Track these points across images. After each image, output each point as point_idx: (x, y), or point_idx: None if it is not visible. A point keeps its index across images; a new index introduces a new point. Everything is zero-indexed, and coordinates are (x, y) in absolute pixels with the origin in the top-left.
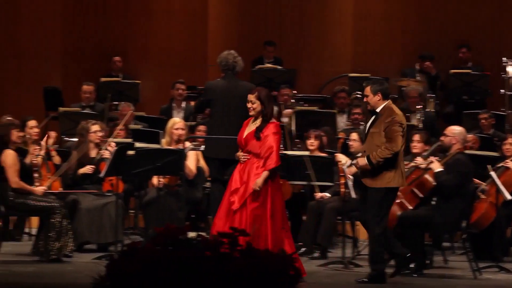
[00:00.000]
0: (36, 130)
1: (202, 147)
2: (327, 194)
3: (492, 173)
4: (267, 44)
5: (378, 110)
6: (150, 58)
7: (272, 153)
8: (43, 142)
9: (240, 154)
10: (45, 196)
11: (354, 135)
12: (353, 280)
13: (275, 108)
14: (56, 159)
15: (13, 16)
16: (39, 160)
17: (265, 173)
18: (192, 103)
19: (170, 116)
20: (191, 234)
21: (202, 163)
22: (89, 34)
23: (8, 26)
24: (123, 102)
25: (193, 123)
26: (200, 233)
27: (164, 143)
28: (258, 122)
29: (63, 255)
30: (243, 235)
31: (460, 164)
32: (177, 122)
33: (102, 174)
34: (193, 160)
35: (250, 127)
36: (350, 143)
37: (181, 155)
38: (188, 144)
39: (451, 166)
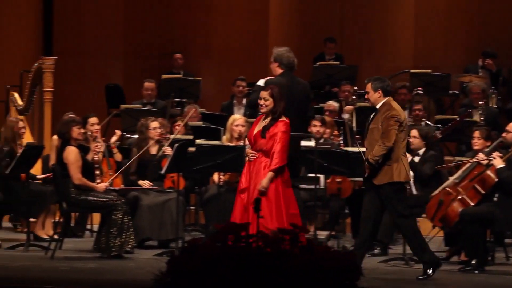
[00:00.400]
0: (97, 127)
1: None
2: None
3: None
4: (328, 40)
5: (377, 106)
6: (211, 55)
7: (276, 153)
8: (112, 140)
9: (249, 151)
10: (107, 193)
11: (414, 132)
12: (415, 278)
13: (336, 104)
14: (117, 156)
15: (76, 15)
16: (100, 157)
17: (270, 174)
18: None
19: (231, 113)
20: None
21: None
22: (150, 32)
23: (70, 24)
24: (189, 104)
25: (253, 119)
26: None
27: (225, 140)
28: (268, 120)
29: (125, 251)
30: (303, 231)
31: None
32: (237, 119)
33: (163, 171)
34: None
35: (261, 125)
36: (411, 139)
37: (242, 151)
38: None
39: None
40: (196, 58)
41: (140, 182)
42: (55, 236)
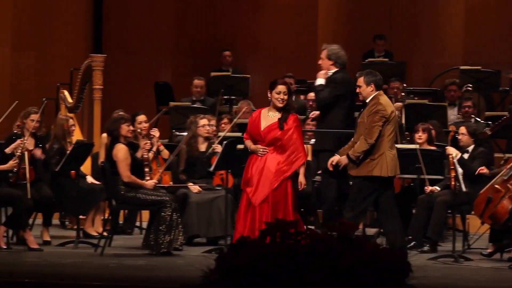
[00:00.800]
0: (145, 124)
1: (312, 141)
2: (437, 188)
3: None
4: (377, 38)
5: (367, 100)
6: (260, 52)
7: (301, 147)
8: (155, 136)
9: (259, 147)
10: (156, 190)
11: (462, 129)
12: (464, 274)
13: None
14: (165, 153)
15: (125, 12)
16: (149, 154)
17: (302, 169)
18: (302, 97)
19: None
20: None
21: (310, 156)
22: (199, 29)
23: (120, 22)
24: (241, 101)
25: (302, 117)
26: (309, 226)
27: None
28: (277, 113)
29: (173, 248)
30: (351, 229)
31: None
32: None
33: (212, 168)
34: None
35: (267, 120)
36: (459, 137)
37: None
38: None
39: None
40: (245, 55)
41: (190, 186)
42: (105, 233)
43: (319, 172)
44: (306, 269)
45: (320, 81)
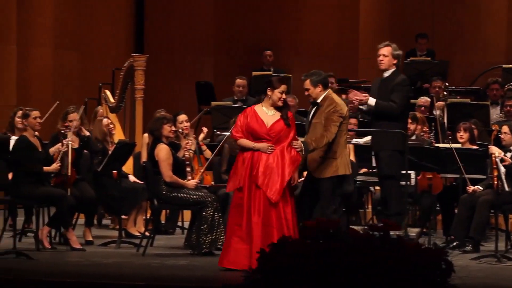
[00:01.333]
0: (186, 124)
1: (355, 140)
2: (480, 187)
3: None
4: (419, 36)
5: (319, 100)
6: (301, 51)
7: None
8: (200, 137)
9: (265, 145)
10: (197, 190)
11: (505, 128)
12: (506, 274)
13: (428, 100)
14: (207, 153)
15: (167, 12)
16: (191, 154)
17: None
18: (344, 96)
19: None
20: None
21: (353, 156)
22: (241, 29)
23: (161, 22)
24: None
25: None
26: (351, 226)
27: None
28: (274, 111)
29: (215, 248)
30: (393, 228)
31: None
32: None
33: None
34: None
35: (268, 117)
36: (502, 136)
37: None
38: None
39: None
40: (286, 54)
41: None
42: (147, 233)
43: (361, 171)
44: (348, 269)
45: (371, 101)
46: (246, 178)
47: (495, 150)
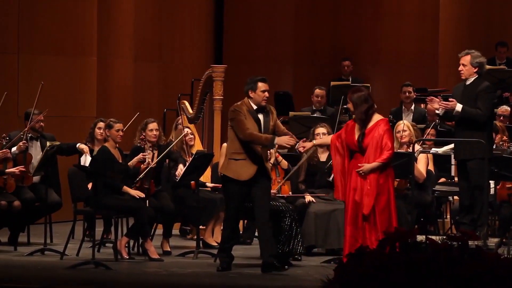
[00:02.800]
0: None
1: (433, 150)
2: None
3: None
4: (499, 45)
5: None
6: (380, 61)
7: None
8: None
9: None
10: (275, 200)
11: None
12: None
13: (508, 109)
14: (284, 163)
15: (245, 23)
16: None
17: (375, 164)
18: (422, 105)
19: (399, 118)
20: (420, 238)
21: (431, 165)
22: (319, 38)
23: (240, 32)
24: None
25: (422, 125)
26: (429, 236)
27: None
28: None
29: (293, 258)
30: (472, 239)
31: None
32: (399, 124)
33: (331, 178)
34: (423, 164)
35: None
36: None
37: (411, 158)
38: (418, 147)
39: None
40: (365, 63)
41: (307, 197)
42: None
43: (440, 181)
44: (426, 279)
45: (458, 106)
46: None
47: None
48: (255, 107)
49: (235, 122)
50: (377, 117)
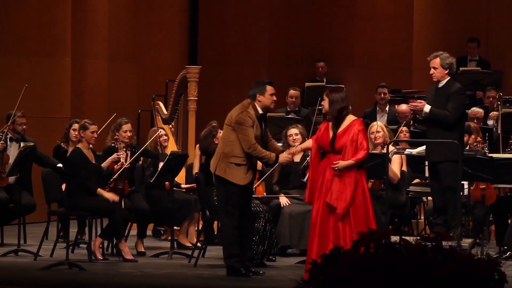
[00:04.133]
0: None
1: (407, 151)
2: None
3: None
4: (469, 41)
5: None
6: (355, 62)
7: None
8: None
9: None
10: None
11: None
12: None
13: (481, 111)
14: (258, 164)
15: (220, 24)
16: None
17: (350, 161)
18: (396, 106)
19: (373, 119)
20: (394, 238)
21: (405, 166)
22: (294, 40)
23: (215, 33)
24: None
25: (394, 126)
26: (403, 237)
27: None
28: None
29: (267, 259)
30: (446, 240)
31: None
32: (373, 125)
33: (305, 179)
34: (397, 164)
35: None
36: None
37: (385, 159)
38: (391, 148)
39: None
40: (339, 65)
41: (280, 197)
42: (199, 244)
43: (414, 182)
44: (400, 280)
45: (426, 107)
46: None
47: None
48: (260, 111)
49: (242, 130)
50: (351, 117)
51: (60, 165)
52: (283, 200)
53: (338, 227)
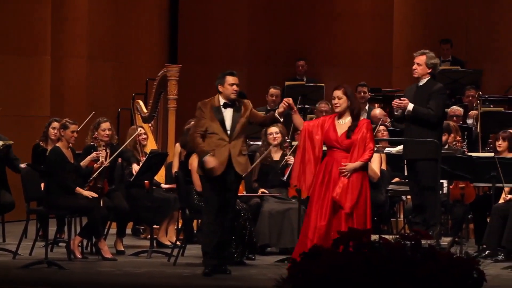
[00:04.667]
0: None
1: (387, 149)
2: None
3: None
4: (442, 42)
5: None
6: (335, 61)
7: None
8: None
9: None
10: None
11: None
12: None
13: (461, 109)
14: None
15: (201, 22)
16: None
17: (358, 163)
18: (377, 105)
19: None
20: (374, 237)
21: (385, 165)
22: (274, 39)
23: (195, 32)
24: (322, 100)
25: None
26: (382, 235)
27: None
28: (347, 120)
29: (246, 257)
30: (425, 238)
31: None
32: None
33: (285, 178)
34: (377, 163)
35: (341, 127)
36: (498, 143)
37: None
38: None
39: None
40: (320, 64)
41: (261, 190)
42: (178, 243)
43: (393, 181)
44: (380, 278)
45: (410, 106)
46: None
47: None
48: (223, 102)
49: (195, 119)
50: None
51: (23, 165)
52: (261, 190)
53: (341, 224)
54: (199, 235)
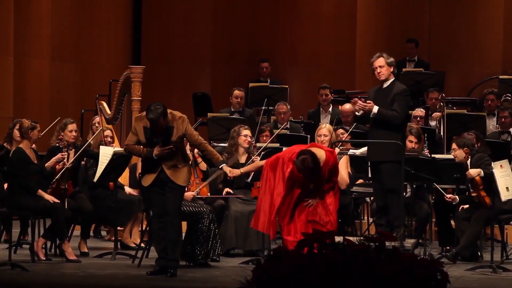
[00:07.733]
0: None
1: (351, 151)
2: (457, 197)
3: None
4: (408, 41)
5: None
6: (298, 62)
7: None
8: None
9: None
10: (194, 201)
11: (454, 145)
12: (502, 285)
13: (423, 111)
14: (202, 165)
15: (164, 24)
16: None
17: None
18: (340, 107)
19: (317, 120)
20: (338, 238)
21: (349, 167)
22: (237, 40)
23: (158, 33)
24: (280, 102)
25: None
26: (346, 237)
27: None
28: None
29: (211, 259)
30: (389, 240)
31: None
32: (322, 127)
33: (249, 179)
34: (344, 168)
35: None
36: (452, 153)
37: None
38: (336, 149)
39: None
40: (283, 65)
41: (225, 191)
42: (142, 244)
43: (357, 182)
44: (344, 280)
45: (375, 108)
46: None
47: (473, 172)
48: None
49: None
50: (321, 153)
51: None
52: (226, 190)
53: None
54: None
